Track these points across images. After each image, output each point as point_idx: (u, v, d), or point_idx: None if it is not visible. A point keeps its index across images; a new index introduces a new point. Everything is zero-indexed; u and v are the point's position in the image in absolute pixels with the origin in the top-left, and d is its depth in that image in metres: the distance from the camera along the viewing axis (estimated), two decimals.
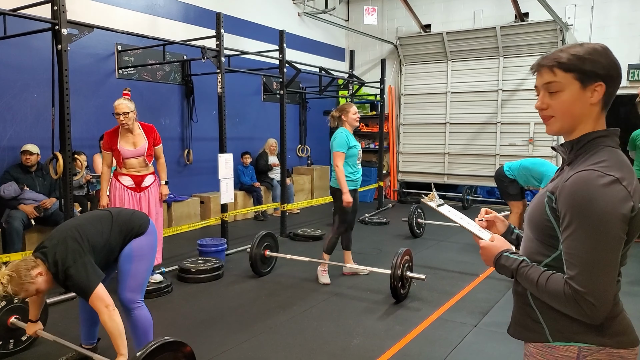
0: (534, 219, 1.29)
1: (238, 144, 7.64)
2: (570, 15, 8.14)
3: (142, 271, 2.69)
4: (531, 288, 1.24)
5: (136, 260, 2.66)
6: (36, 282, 2.35)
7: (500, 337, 3.37)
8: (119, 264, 2.67)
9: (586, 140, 1.24)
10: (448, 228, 6.59)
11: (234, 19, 7.56)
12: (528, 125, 8.55)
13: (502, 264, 1.30)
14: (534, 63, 1.31)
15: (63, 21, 3.86)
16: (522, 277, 1.25)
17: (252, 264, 4.61)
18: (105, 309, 2.38)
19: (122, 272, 2.65)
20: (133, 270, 2.65)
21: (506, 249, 1.32)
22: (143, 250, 2.69)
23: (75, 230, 2.52)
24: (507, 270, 1.29)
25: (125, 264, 2.65)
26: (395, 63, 9.88)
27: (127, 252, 2.65)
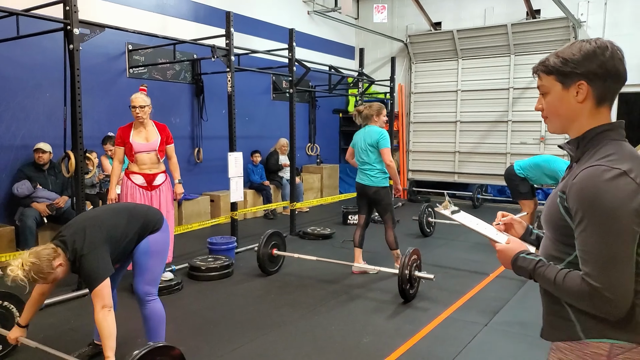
0: (550, 219, 1.28)
1: (248, 142, 7.66)
2: (583, 12, 8.04)
3: (158, 265, 2.76)
4: (549, 287, 1.24)
5: (153, 255, 2.72)
6: (55, 272, 2.38)
7: (512, 336, 3.35)
8: (135, 258, 2.71)
9: (591, 136, 1.24)
10: (458, 227, 6.52)
11: (244, 17, 7.58)
12: (539, 123, 8.46)
13: (519, 265, 1.30)
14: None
15: (75, 21, 3.90)
16: (540, 277, 1.24)
17: (260, 263, 4.62)
18: (101, 309, 2.40)
19: (140, 266, 2.71)
20: (150, 264, 2.71)
21: (522, 250, 1.32)
22: (159, 245, 2.75)
23: (95, 220, 2.56)
24: (525, 271, 1.29)
25: (143, 258, 2.70)
26: (405, 61, 9.83)
27: (145, 247, 2.70)
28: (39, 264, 2.30)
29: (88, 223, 2.52)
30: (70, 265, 2.45)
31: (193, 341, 3.24)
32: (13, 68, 5.09)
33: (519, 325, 3.54)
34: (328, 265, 4.78)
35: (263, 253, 4.61)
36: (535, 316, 3.81)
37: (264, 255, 4.62)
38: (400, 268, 3.86)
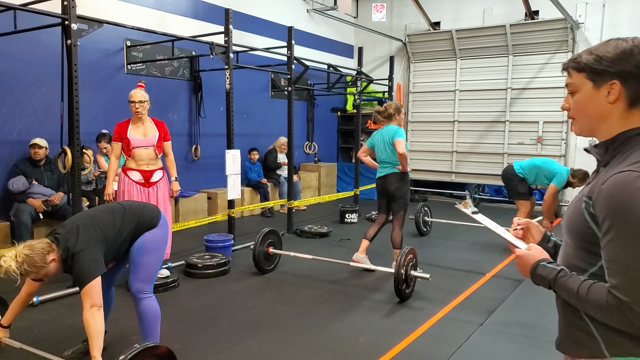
0: (572, 225, 1.21)
1: (246, 140, 7.65)
2: (581, 14, 8.05)
3: (153, 263, 2.74)
4: (571, 299, 1.17)
5: (147, 252, 2.70)
6: (48, 267, 2.38)
7: (507, 336, 3.35)
8: (131, 256, 2.70)
9: (622, 139, 1.17)
10: (455, 226, 6.57)
11: (243, 15, 7.56)
12: (537, 124, 8.48)
13: (538, 274, 1.23)
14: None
15: (73, 16, 3.88)
16: (561, 287, 1.18)
17: (256, 261, 4.61)
18: (89, 308, 2.37)
19: (134, 264, 2.70)
20: (144, 262, 2.69)
21: (543, 258, 1.25)
22: (154, 243, 2.73)
23: (89, 219, 2.56)
24: (545, 280, 1.22)
25: (137, 255, 2.69)
26: (403, 60, 9.83)
27: (139, 244, 2.68)
28: (32, 257, 2.30)
29: (82, 222, 2.52)
30: (62, 263, 2.44)
31: (188, 339, 3.23)
32: (10, 63, 5.07)
33: (515, 325, 3.54)
34: (325, 264, 4.78)
35: (259, 251, 4.60)
36: (531, 316, 3.84)
37: (260, 254, 4.62)
38: (396, 268, 3.86)
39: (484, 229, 5.60)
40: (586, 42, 8.05)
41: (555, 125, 8.36)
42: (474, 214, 1.54)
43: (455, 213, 8.57)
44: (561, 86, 8.21)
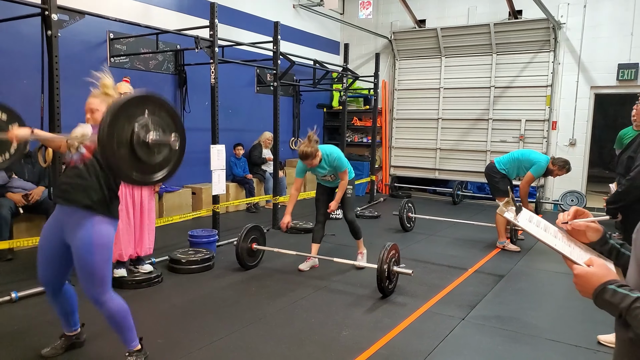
0: None
1: (231, 135, 7.61)
2: (562, 14, 8.18)
3: (105, 262, 2.49)
4: None
5: (97, 250, 2.44)
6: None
7: (488, 330, 3.42)
8: (78, 257, 2.44)
9: None
10: (438, 222, 6.65)
11: (229, 9, 7.51)
12: (519, 122, 8.61)
13: (606, 299, 1.03)
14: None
15: (53, 6, 3.81)
16: (638, 320, 0.98)
17: (239, 257, 4.58)
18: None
19: (84, 267, 2.44)
20: (96, 262, 2.44)
21: (611, 279, 1.04)
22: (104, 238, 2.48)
23: None
24: (614, 308, 1.02)
25: (86, 255, 2.42)
26: (389, 58, 9.88)
27: (87, 239, 2.42)
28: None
29: None
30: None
31: (172, 334, 3.22)
32: None
33: (495, 319, 3.61)
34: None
35: (242, 247, 4.59)
36: (510, 310, 3.92)
37: (243, 250, 4.61)
38: (378, 263, 3.90)
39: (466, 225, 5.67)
40: (567, 42, 8.19)
41: (537, 124, 8.49)
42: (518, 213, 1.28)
43: (438, 209, 8.68)
44: (543, 85, 8.36)
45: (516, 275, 4.65)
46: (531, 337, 3.32)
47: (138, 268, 4.25)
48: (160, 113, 2.24)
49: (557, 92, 8.36)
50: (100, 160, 2.44)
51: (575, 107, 8.25)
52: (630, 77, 7.66)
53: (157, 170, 2.30)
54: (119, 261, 4.08)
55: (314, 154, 4.32)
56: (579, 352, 3.10)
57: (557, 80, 8.33)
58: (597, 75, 8.03)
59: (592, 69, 8.05)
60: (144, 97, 2.18)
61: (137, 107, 2.10)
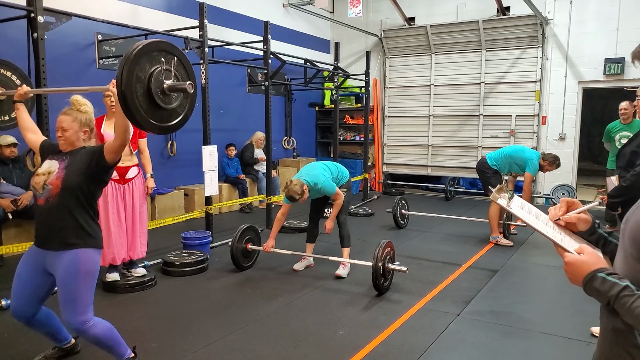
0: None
1: (223, 135, 7.58)
2: (550, 10, 8.24)
3: (89, 290, 2.41)
4: (638, 324, 0.99)
5: (82, 276, 2.37)
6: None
7: (483, 325, 3.43)
8: (62, 281, 2.35)
9: None
10: (431, 219, 6.67)
11: (218, 9, 7.47)
12: (509, 117, 8.66)
13: (595, 287, 1.04)
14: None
15: (39, 8, 3.77)
16: (626, 308, 0.99)
17: (234, 258, 4.56)
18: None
19: (68, 293, 2.36)
20: (81, 289, 2.36)
21: (600, 267, 1.05)
22: (89, 265, 2.41)
23: None
24: (602, 296, 1.03)
25: (71, 281, 2.34)
26: (380, 56, 9.89)
27: (73, 264, 2.35)
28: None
29: None
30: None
31: (167, 337, 3.21)
32: None
33: (490, 314, 3.63)
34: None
35: (237, 248, 4.57)
36: (505, 305, 3.93)
37: (238, 251, 4.59)
38: (374, 261, 3.90)
39: (459, 221, 5.71)
40: (555, 37, 8.25)
41: (527, 119, 8.55)
42: (511, 199, 1.29)
43: (431, 205, 8.70)
44: (532, 80, 8.41)
45: (510, 270, 4.68)
46: (525, 331, 3.35)
47: (131, 272, 4.22)
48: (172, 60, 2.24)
49: (546, 87, 8.42)
50: (90, 161, 2.42)
51: (564, 102, 8.32)
52: (616, 72, 7.73)
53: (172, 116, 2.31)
54: (111, 265, 4.05)
55: (303, 193, 4.27)
56: (572, 345, 3.13)
57: (546, 76, 8.39)
58: (584, 70, 8.09)
59: (580, 64, 8.11)
60: (157, 42, 2.18)
61: (152, 53, 2.11)
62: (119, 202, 4.04)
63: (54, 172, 2.42)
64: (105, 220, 3.98)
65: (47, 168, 2.47)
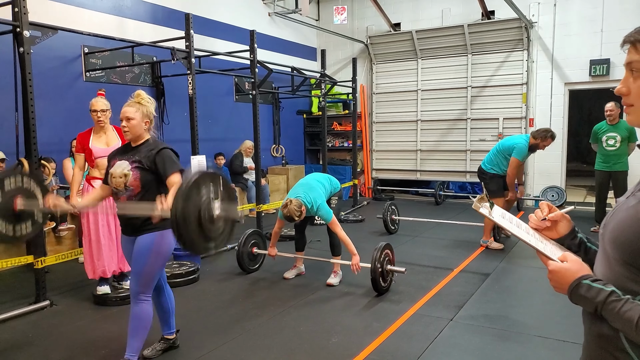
0: (623, 238, 1.00)
1: (211, 145, 7.56)
2: (534, 13, 8.36)
3: (156, 268, 2.74)
4: (628, 330, 0.96)
5: (155, 254, 2.69)
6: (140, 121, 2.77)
7: (476, 330, 3.44)
8: (135, 253, 2.70)
9: None
10: (422, 223, 6.69)
11: (204, 19, 7.48)
12: (497, 120, 8.75)
13: (581, 294, 1.03)
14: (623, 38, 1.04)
15: (25, 23, 3.75)
16: (613, 314, 0.97)
17: (240, 261, 4.71)
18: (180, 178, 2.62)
19: (138, 264, 2.70)
20: (149, 264, 2.69)
21: (585, 274, 1.04)
22: (162, 247, 2.71)
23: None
24: (589, 303, 1.02)
25: (143, 254, 2.68)
26: (366, 62, 9.95)
27: (147, 242, 2.67)
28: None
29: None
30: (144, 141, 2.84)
31: None
32: None
33: (483, 319, 3.64)
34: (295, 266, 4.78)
35: (243, 252, 4.72)
36: (497, 309, 3.95)
37: (244, 254, 4.73)
38: (372, 262, 3.97)
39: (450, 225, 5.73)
40: (540, 40, 8.37)
41: (514, 122, 8.64)
42: (492, 208, 1.28)
43: (421, 210, 8.70)
44: (518, 83, 8.51)
45: (501, 273, 4.71)
46: (519, 334, 3.36)
47: (122, 284, 4.18)
48: (218, 187, 2.30)
49: (532, 89, 8.52)
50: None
51: (551, 104, 8.42)
52: (602, 73, 7.85)
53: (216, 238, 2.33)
54: (102, 278, 4.02)
55: (301, 214, 4.27)
56: (566, 347, 3.15)
57: (532, 78, 8.49)
58: (570, 71, 8.21)
59: (565, 65, 8.23)
60: (205, 175, 2.28)
61: (201, 185, 2.20)
62: (109, 214, 4.00)
63: (130, 175, 2.69)
64: (95, 233, 3.95)
65: (121, 171, 2.71)
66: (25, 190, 2.63)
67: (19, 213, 2.57)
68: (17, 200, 2.56)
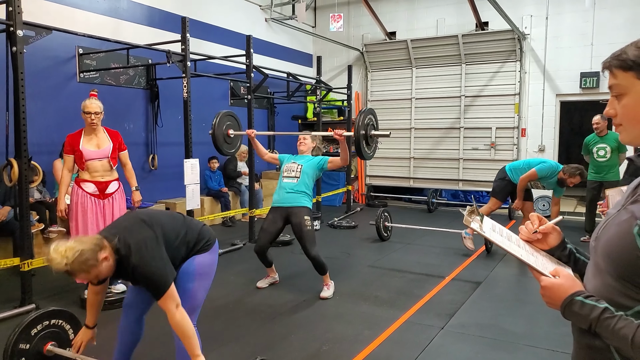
0: (615, 252, 1.00)
1: (205, 148, 7.51)
2: (526, 25, 8.45)
3: (201, 291, 2.48)
4: (624, 347, 0.96)
5: (198, 278, 2.42)
6: (99, 267, 2.06)
7: (467, 338, 3.44)
8: (177, 281, 2.37)
9: None
10: (414, 231, 6.70)
11: (200, 23, 7.48)
12: (490, 130, 8.81)
13: (574, 311, 1.02)
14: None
15: (18, 22, 3.72)
16: (609, 330, 0.97)
17: (215, 143, 4.88)
18: (176, 309, 2.16)
19: (181, 291, 2.34)
20: (193, 289, 2.41)
21: (577, 291, 1.04)
22: (206, 268, 2.47)
23: (147, 217, 2.27)
24: (583, 320, 1.01)
25: (186, 281, 2.39)
26: (361, 69, 9.99)
27: (190, 268, 2.40)
28: (83, 254, 1.99)
29: (141, 217, 2.24)
30: (117, 263, 2.14)
31: (147, 357, 3.13)
32: None
33: (474, 327, 3.64)
34: (286, 273, 4.76)
35: (217, 134, 4.81)
36: (489, 317, 3.95)
37: (220, 136, 4.85)
38: (355, 130, 4.02)
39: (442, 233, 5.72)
40: (532, 52, 8.46)
41: (507, 131, 8.70)
42: (483, 221, 1.25)
43: (414, 217, 8.72)
44: (511, 93, 8.59)
45: (493, 282, 4.72)
46: (509, 343, 3.37)
47: (111, 288, 4.13)
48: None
49: (524, 100, 8.60)
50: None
51: (543, 114, 8.50)
52: (592, 85, 7.95)
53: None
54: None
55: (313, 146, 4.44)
56: (556, 357, 3.15)
57: (524, 89, 8.57)
58: (561, 83, 8.30)
59: (557, 77, 8.32)
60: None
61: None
62: (98, 217, 3.97)
63: None
64: None
65: None
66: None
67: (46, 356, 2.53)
68: (48, 345, 2.54)
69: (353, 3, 9.91)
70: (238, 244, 6.08)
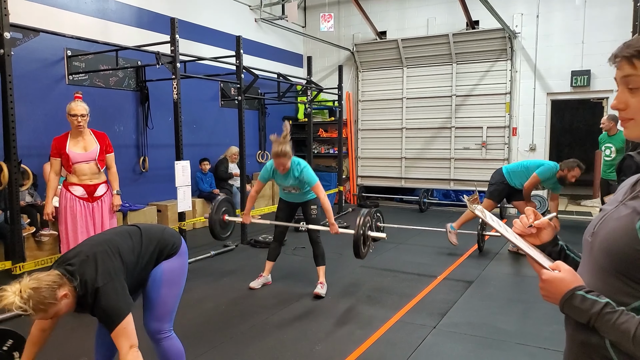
0: (615, 248, 0.99)
1: (196, 150, 7.51)
2: (517, 24, 8.50)
3: (172, 297, 2.41)
4: (624, 342, 0.95)
5: (166, 285, 2.35)
6: (58, 305, 1.97)
7: (459, 338, 3.46)
8: (146, 290, 2.35)
9: None
10: (406, 231, 6.71)
11: (190, 24, 7.44)
12: (481, 129, 8.85)
13: (575, 305, 1.01)
14: (612, 53, 1.03)
15: (5, 25, 3.70)
16: (608, 325, 0.96)
17: (212, 229, 4.83)
18: (128, 349, 2.05)
19: (149, 299, 2.35)
20: (162, 296, 2.36)
21: (579, 285, 1.02)
22: (174, 273, 2.39)
23: (106, 245, 2.19)
24: (583, 314, 1.00)
25: (154, 289, 2.34)
26: (352, 69, 10.00)
27: (156, 276, 2.35)
28: (40, 292, 1.90)
29: (100, 249, 2.15)
30: (77, 299, 2.05)
31: None
32: None
33: (466, 326, 3.66)
34: (279, 274, 4.75)
35: (215, 220, 4.83)
36: (481, 316, 3.97)
37: (216, 222, 4.83)
38: (356, 228, 4.05)
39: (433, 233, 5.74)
40: (523, 50, 8.51)
41: (498, 130, 8.75)
42: (486, 214, 1.26)
43: (406, 217, 8.73)
44: (502, 92, 8.64)
45: (485, 281, 4.74)
46: (502, 342, 3.38)
47: None
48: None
49: (515, 99, 8.65)
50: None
51: (534, 113, 8.55)
52: (583, 84, 8.01)
53: None
54: None
55: (288, 154, 4.17)
56: (547, 355, 3.17)
57: (515, 88, 8.62)
58: (552, 82, 8.36)
59: (548, 76, 8.38)
60: None
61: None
62: (87, 220, 3.94)
63: None
64: (74, 240, 3.88)
65: None
66: None
67: None
68: None
69: (343, 3, 9.92)
70: (230, 246, 6.06)
